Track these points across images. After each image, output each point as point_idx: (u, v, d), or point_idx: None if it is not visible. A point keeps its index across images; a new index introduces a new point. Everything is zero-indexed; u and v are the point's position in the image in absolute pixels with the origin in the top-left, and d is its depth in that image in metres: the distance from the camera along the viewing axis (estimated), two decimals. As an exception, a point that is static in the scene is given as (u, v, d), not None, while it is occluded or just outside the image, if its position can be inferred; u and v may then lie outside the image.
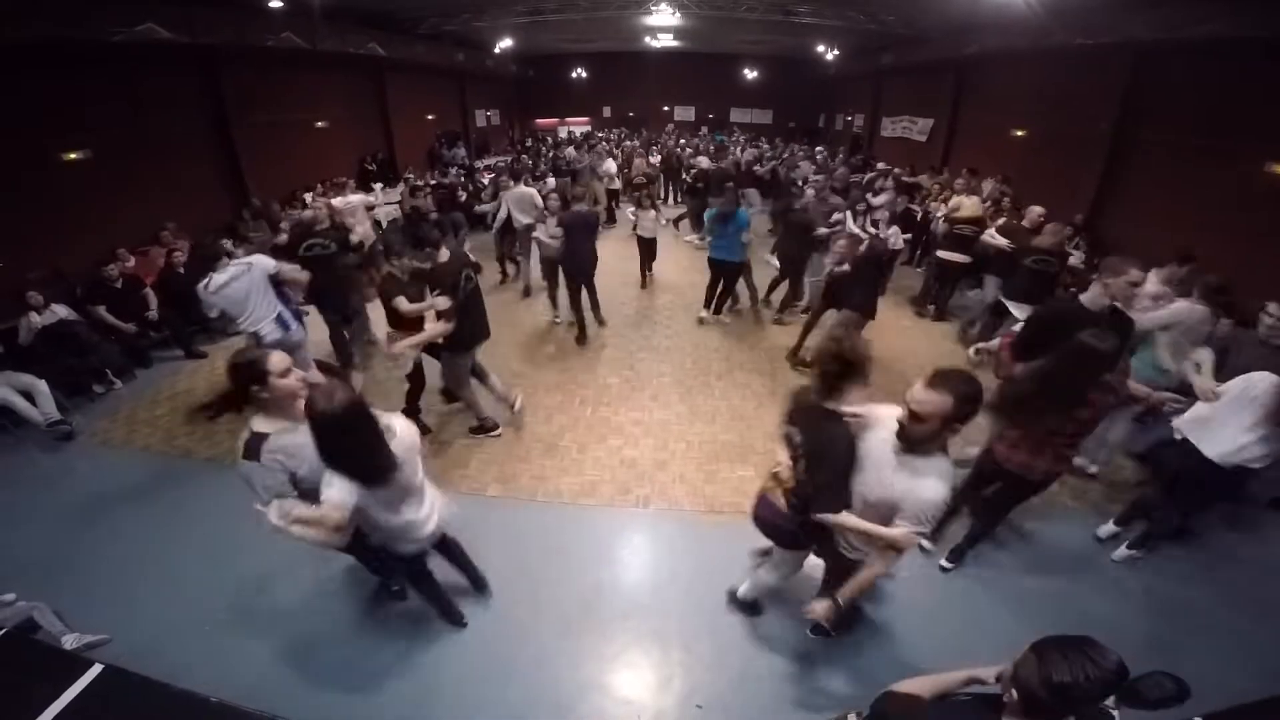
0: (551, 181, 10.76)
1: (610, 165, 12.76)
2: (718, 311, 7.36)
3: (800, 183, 11.02)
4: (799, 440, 2.47)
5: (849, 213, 7.88)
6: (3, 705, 2.07)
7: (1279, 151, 6.63)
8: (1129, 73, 8.72)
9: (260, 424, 2.37)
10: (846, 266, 5.56)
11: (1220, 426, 3.25)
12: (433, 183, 12.36)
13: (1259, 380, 3.17)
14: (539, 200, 7.58)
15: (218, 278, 4.56)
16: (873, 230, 7.69)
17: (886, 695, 1.80)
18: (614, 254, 9.15)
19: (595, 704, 2.94)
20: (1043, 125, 11.03)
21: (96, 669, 2.18)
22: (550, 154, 16.75)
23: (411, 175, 12.27)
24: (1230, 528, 4.10)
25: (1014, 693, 1.51)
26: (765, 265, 7.46)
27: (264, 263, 4.78)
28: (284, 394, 2.36)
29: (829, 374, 2.35)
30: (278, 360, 2.38)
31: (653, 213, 8.23)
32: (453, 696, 2.94)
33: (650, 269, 8.74)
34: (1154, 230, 8.03)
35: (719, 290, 7.18)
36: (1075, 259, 7.30)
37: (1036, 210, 6.66)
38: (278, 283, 4.81)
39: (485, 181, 12.30)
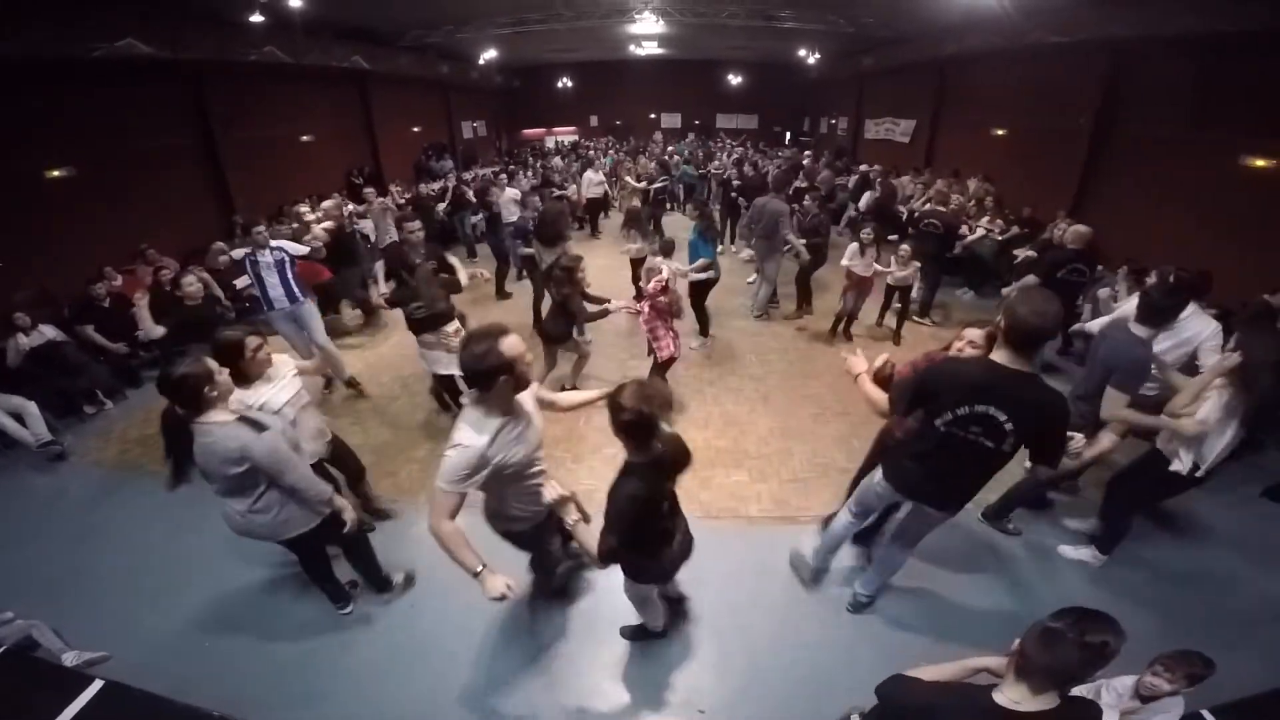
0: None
1: (590, 175, 12.60)
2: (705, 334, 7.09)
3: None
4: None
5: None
6: (6, 723, 2.08)
7: (1254, 145, 6.76)
8: (1106, 69, 8.88)
9: (221, 416, 2.57)
10: None
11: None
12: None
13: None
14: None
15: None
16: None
17: (891, 679, 1.85)
18: (603, 266, 9.14)
19: (598, 711, 2.96)
20: (1024, 123, 11.18)
21: (97, 685, 2.18)
22: (538, 164, 16.79)
23: (399, 187, 12.29)
24: (1227, 519, 4.14)
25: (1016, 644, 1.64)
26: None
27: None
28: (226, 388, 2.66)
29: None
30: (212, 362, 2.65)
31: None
32: (456, 705, 2.96)
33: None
34: (1136, 223, 8.17)
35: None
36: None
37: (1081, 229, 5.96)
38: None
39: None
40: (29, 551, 4.03)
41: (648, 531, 2.43)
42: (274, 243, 5.62)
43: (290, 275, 5.59)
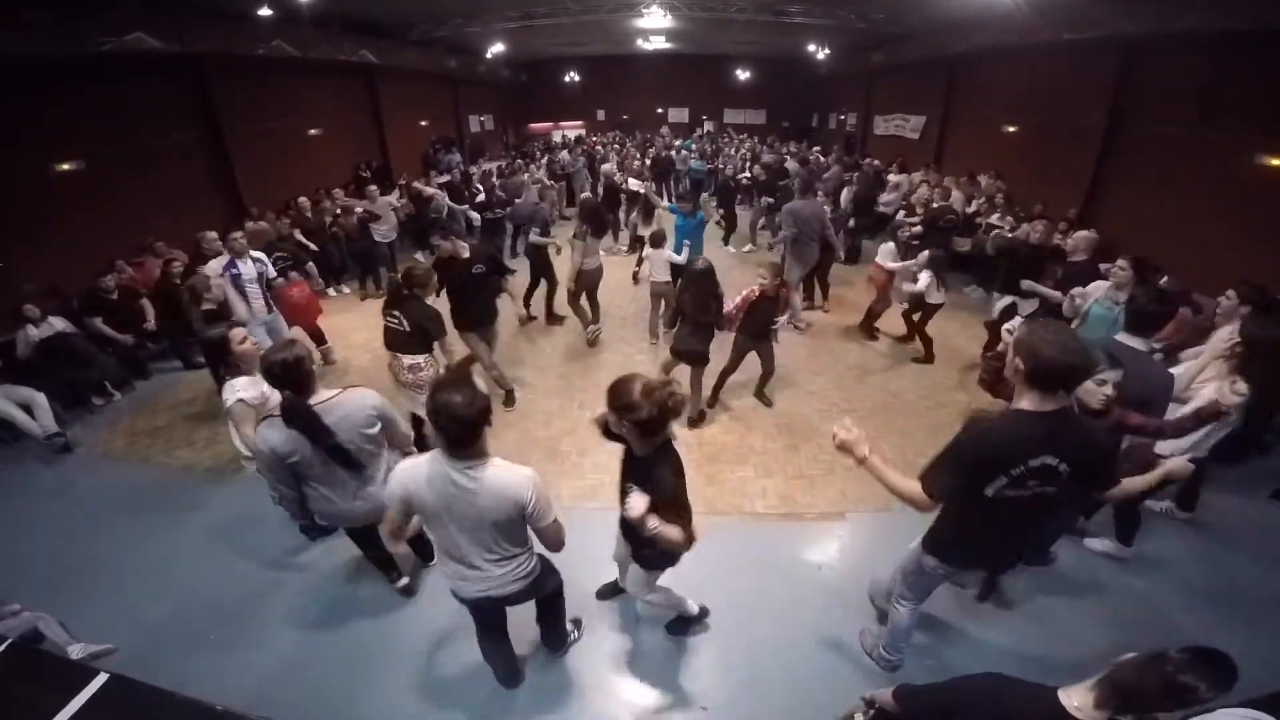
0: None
1: (608, 168, 12.57)
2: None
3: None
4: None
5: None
6: (11, 714, 2.08)
7: (1268, 143, 6.67)
8: (1117, 67, 8.77)
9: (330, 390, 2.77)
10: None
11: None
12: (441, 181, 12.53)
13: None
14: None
15: None
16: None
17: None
18: (609, 260, 9.09)
19: (600, 707, 2.95)
20: (1035, 120, 11.06)
21: (102, 678, 2.18)
22: (545, 158, 16.76)
23: (402, 182, 12.29)
24: (1233, 520, 4.10)
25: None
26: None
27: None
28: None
29: None
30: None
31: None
32: (458, 700, 2.96)
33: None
34: (1148, 222, 8.08)
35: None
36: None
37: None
38: None
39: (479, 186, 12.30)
40: (36, 543, 4.06)
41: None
42: (254, 253, 5.72)
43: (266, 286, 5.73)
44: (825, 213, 7.25)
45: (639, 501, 2.22)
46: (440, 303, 4.69)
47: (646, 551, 2.56)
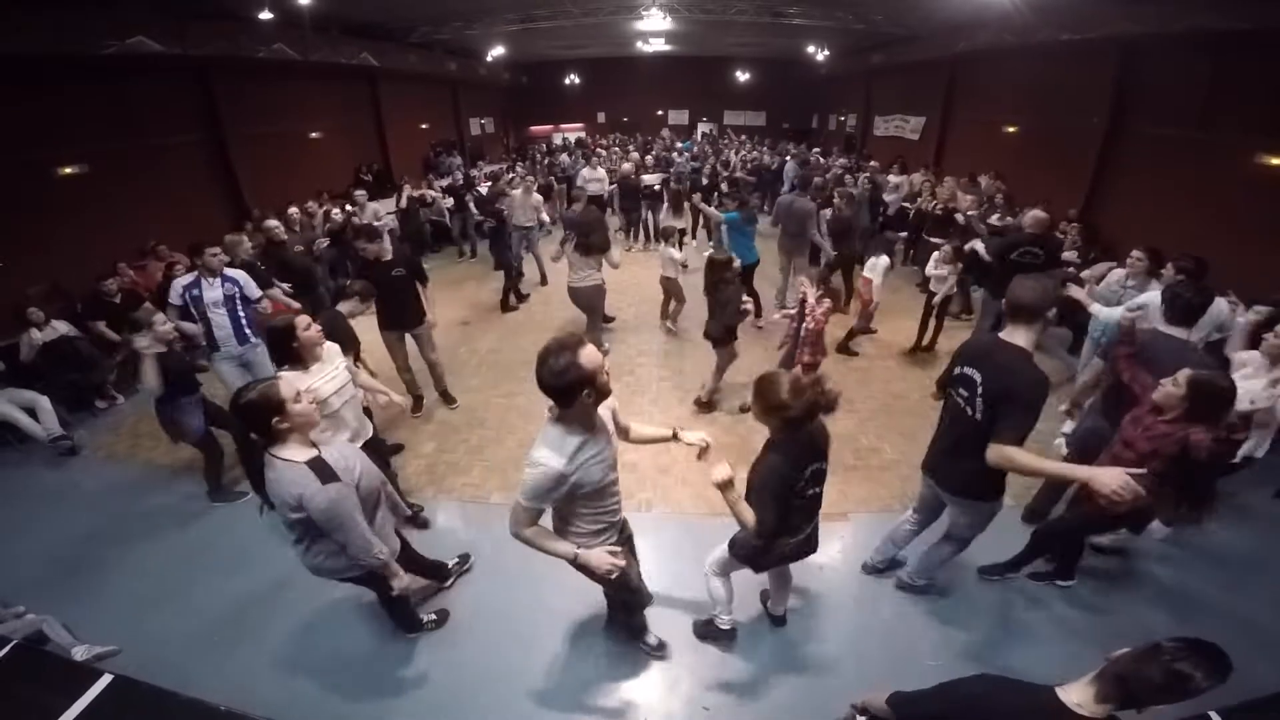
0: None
1: (588, 173, 12.03)
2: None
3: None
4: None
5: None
6: (16, 715, 2.09)
7: (1268, 143, 6.67)
8: (1117, 67, 8.78)
9: (292, 453, 2.32)
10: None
11: None
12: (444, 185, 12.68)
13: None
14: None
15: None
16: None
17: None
18: (632, 259, 9.14)
19: (603, 707, 2.96)
20: (1035, 121, 11.08)
21: (107, 679, 2.20)
22: (545, 161, 16.78)
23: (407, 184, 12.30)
24: (1240, 520, 4.09)
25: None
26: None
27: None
28: (303, 420, 2.35)
29: None
30: (288, 388, 2.34)
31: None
32: (461, 701, 2.96)
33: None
34: (1149, 222, 8.07)
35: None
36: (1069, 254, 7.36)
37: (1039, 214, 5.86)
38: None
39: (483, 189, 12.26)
40: (40, 546, 4.07)
41: (779, 510, 2.44)
42: (229, 272, 4.83)
43: (241, 313, 4.82)
44: (812, 211, 7.27)
45: (723, 470, 2.31)
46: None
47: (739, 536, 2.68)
